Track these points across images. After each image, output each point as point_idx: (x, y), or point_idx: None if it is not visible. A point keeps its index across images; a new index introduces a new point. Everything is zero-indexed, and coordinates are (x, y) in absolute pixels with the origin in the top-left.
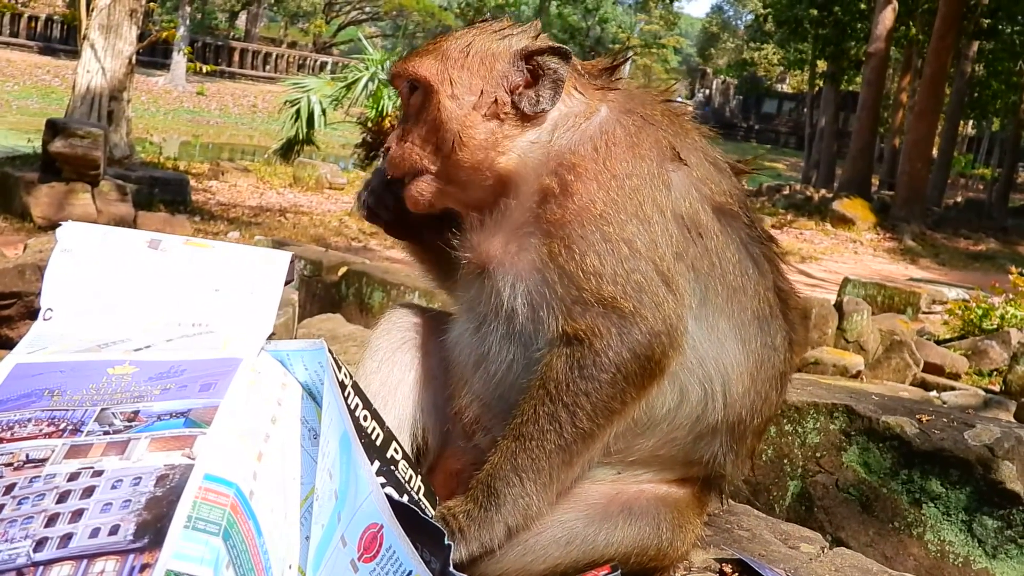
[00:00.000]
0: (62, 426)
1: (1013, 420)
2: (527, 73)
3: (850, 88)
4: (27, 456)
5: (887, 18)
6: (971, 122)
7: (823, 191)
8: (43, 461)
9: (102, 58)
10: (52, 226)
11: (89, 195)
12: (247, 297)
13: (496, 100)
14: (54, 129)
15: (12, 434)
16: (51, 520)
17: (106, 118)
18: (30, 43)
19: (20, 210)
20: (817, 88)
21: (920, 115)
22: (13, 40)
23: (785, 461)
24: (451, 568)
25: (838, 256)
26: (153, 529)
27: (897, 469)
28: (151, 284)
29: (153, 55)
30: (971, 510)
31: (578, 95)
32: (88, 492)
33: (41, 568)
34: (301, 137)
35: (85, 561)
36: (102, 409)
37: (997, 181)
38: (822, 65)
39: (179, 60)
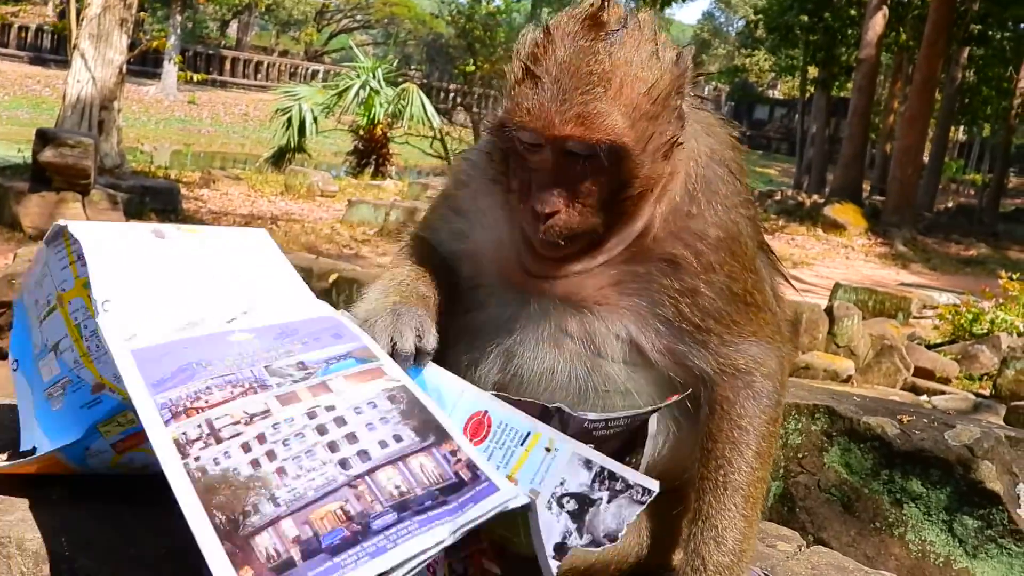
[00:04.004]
0: (246, 386)
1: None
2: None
3: (841, 94)
4: (246, 411)
5: (877, 24)
6: (962, 128)
7: (815, 197)
8: (267, 412)
9: (92, 67)
10: (42, 236)
11: (80, 204)
12: (266, 275)
13: (670, 138)
14: (44, 139)
15: (207, 401)
16: (332, 447)
17: (96, 127)
18: (20, 53)
19: (10, 220)
20: (808, 94)
21: (911, 121)
22: (3, 50)
23: None
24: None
25: (829, 261)
26: (433, 428)
27: (878, 469)
28: (185, 272)
29: (144, 64)
30: (952, 510)
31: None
32: (340, 421)
33: (367, 476)
34: (292, 145)
35: (400, 462)
36: (265, 366)
37: (988, 186)
38: (813, 71)
39: (170, 69)
